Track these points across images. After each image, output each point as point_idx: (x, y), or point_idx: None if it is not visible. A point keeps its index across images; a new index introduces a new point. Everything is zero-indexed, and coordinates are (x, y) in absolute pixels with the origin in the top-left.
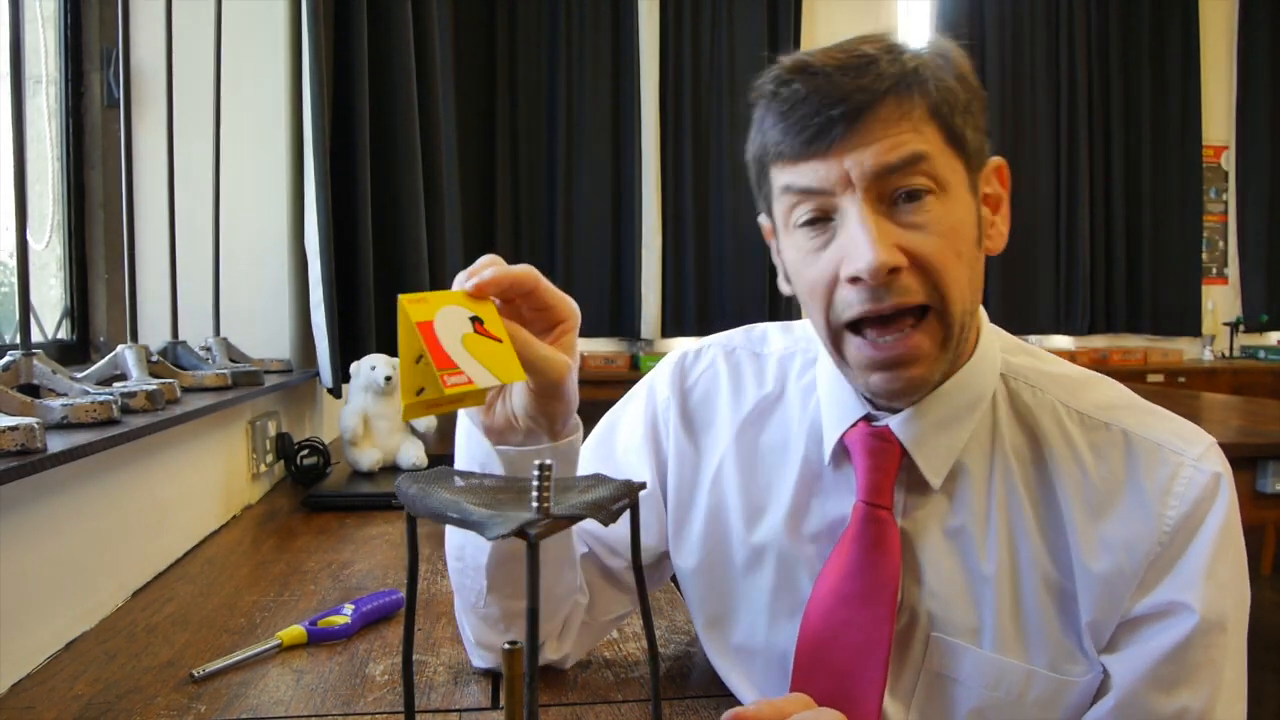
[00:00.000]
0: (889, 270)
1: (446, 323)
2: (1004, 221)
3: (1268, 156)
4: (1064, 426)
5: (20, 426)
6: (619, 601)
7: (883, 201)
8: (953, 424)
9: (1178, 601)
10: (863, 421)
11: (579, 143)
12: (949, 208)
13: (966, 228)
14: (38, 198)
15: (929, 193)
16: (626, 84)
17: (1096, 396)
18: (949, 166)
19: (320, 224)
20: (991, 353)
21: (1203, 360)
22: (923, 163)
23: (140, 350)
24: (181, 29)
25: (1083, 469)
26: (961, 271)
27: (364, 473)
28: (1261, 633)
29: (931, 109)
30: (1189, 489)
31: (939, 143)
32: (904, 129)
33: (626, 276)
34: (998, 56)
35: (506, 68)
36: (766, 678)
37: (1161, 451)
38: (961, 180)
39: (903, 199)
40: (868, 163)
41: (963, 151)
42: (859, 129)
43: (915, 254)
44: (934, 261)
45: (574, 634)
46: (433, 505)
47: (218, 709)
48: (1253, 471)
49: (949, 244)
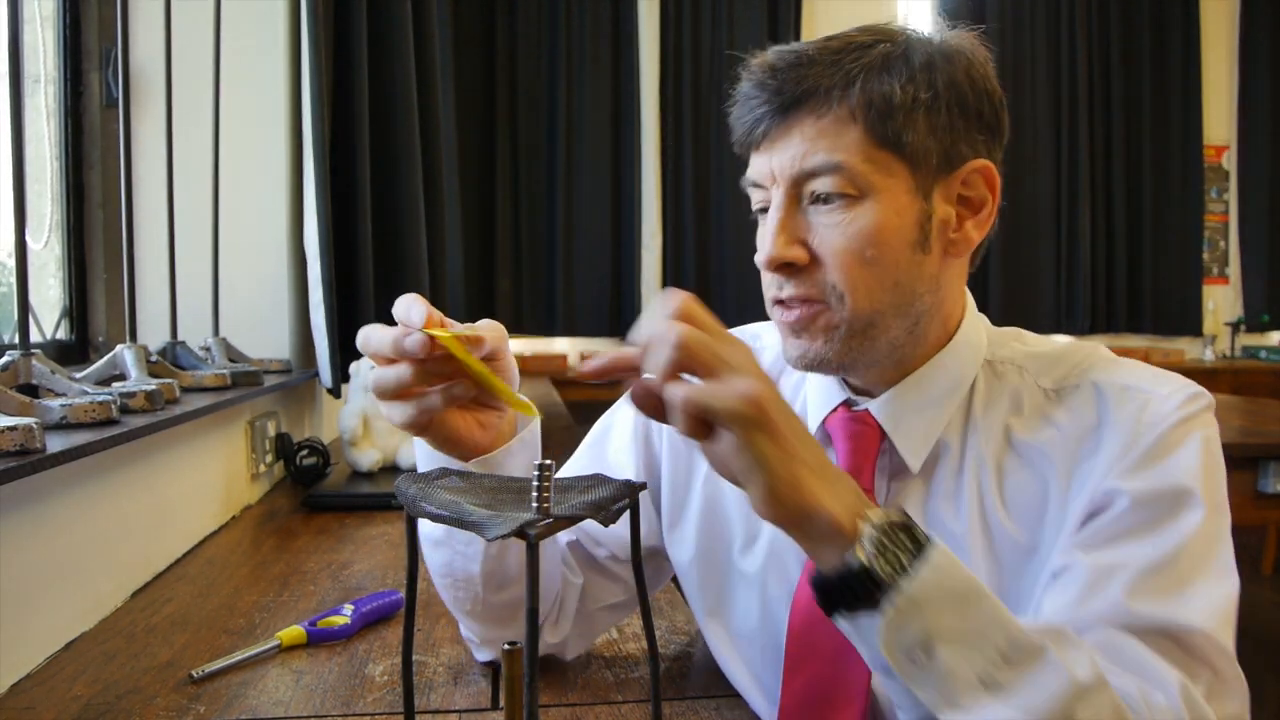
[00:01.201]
0: (781, 264)
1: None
2: (979, 226)
3: (1269, 156)
4: (1041, 401)
5: (19, 427)
6: (609, 590)
7: (800, 199)
8: (930, 407)
9: (1123, 488)
10: (843, 406)
11: (579, 143)
12: (863, 213)
13: (887, 232)
14: (36, 197)
15: (842, 197)
16: (626, 84)
17: (1071, 364)
18: (877, 172)
19: (320, 224)
20: (974, 339)
21: (1204, 360)
22: (835, 172)
23: (139, 350)
24: (181, 29)
25: (1059, 429)
26: (866, 274)
27: (364, 473)
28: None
29: (855, 113)
30: (1159, 420)
31: (863, 148)
32: (823, 133)
33: (626, 276)
34: (998, 56)
35: (506, 68)
36: (763, 664)
37: (1129, 391)
38: (898, 184)
39: (818, 199)
40: (783, 166)
41: (902, 154)
42: (780, 129)
43: (816, 254)
44: (833, 262)
45: (570, 617)
46: (432, 505)
47: (217, 709)
48: (1253, 471)
49: (853, 247)
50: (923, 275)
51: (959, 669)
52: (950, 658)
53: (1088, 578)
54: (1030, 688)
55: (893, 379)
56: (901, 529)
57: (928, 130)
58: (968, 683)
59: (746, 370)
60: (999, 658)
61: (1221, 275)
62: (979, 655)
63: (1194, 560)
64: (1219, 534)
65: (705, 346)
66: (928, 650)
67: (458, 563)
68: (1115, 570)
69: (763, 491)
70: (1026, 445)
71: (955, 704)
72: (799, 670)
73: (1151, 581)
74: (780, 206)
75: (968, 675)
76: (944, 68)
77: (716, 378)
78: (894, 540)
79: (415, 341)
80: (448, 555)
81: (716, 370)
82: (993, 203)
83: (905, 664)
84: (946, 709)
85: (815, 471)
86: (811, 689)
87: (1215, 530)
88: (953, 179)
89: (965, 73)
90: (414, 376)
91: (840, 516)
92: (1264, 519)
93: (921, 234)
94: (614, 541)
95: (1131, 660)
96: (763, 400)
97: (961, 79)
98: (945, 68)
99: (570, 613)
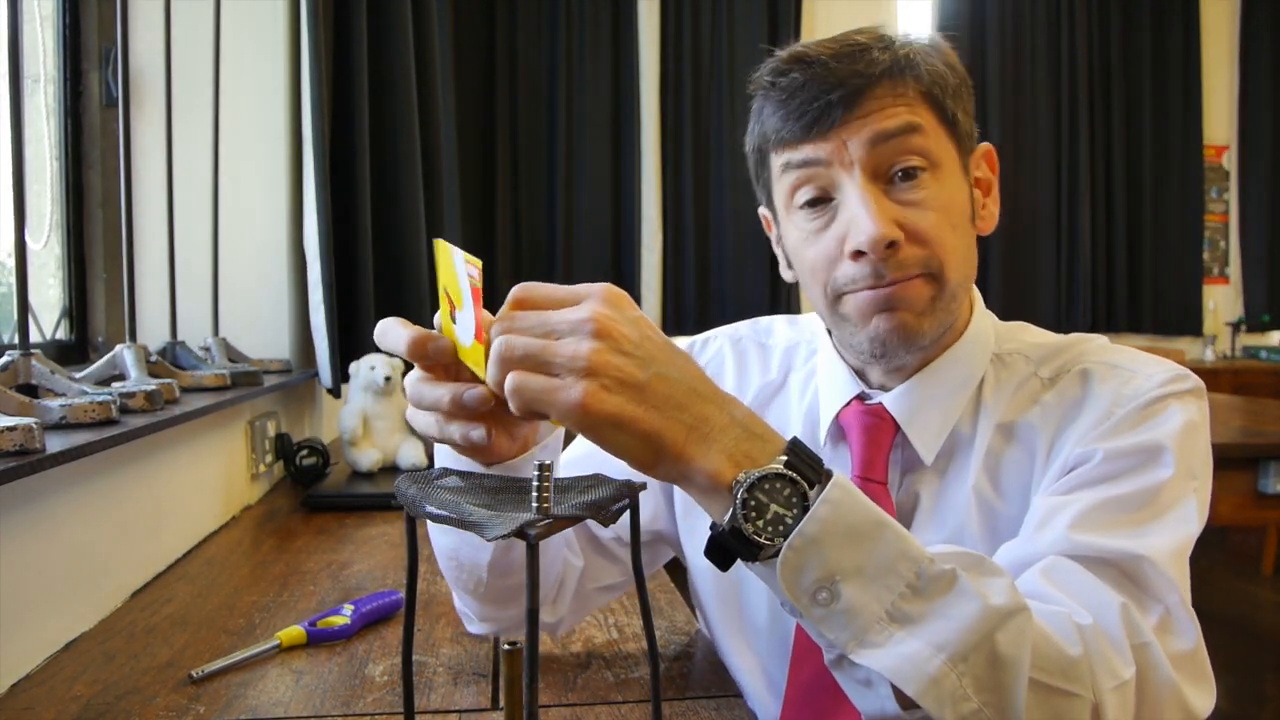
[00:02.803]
0: (888, 244)
1: None
2: (994, 204)
3: (1269, 156)
4: (1037, 389)
5: (19, 427)
6: (608, 571)
7: (880, 180)
8: (944, 400)
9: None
10: (856, 400)
11: (579, 143)
12: (943, 184)
13: (960, 204)
14: (36, 197)
15: (923, 170)
16: (626, 84)
17: (1072, 354)
18: (942, 146)
19: (320, 224)
20: (984, 333)
21: (1204, 360)
22: (916, 135)
23: (139, 350)
24: (181, 29)
25: (1043, 406)
26: (957, 244)
27: (363, 473)
28: (1261, 633)
29: (924, 91)
30: (1140, 393)
31: (933, 122)
32: (899, 105)
33: (626, 276)
34: (998, 56)
35: (506, 68)
36: (770, 655)
37: (1115, 370)
38: (954, 160)
39: (899, 177)
40: (865, 133)
41: (955, 133)
42: (856, 110)
43: (912, 228)
44: (930, 234)
45: (569, 598)
46: (433, 505)
47: (217, 710)
48: (1253, 471)
49: (945, 218)
50: (975, 250)
51: (866, 605)
52: (855, 594)
53: (1040, 516)
54: (941, 618)
55: (911, 370)
56: (780, 479)
57: (964, 112)
58: (875, 617)
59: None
60: (907, 590)
61: (1222, 275)
62: (885, 589)
63: (1153, 509)
64: (1185, 495)
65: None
66: (831, 589)
67: (465, 551)
68: (1067, 506)
69: (628, 457)
70: (1016, 425)
71: (865, 641)
72: (805, 663)
73: (1098, 516)
74: (868, 186)
75: (875, 610)
76: (953, 59)
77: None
78: (772, 493)
79: (475, 397)
80: (455, 542)
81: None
82: (996, 184)
83: (810, 605)
84: (857, 648)
85: (686, 423)
86: (817, 681)
87: (1182, 491)
88: (974, 159)
89: (958, 64)
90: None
91: (715, 473)
92: (1264, 519)
93: (973, 209)
94: (620, 525)
95: (1071, 584)
96: (598, 363)
97: (962, 70)
98: (953, 59)
99: (569, 593)
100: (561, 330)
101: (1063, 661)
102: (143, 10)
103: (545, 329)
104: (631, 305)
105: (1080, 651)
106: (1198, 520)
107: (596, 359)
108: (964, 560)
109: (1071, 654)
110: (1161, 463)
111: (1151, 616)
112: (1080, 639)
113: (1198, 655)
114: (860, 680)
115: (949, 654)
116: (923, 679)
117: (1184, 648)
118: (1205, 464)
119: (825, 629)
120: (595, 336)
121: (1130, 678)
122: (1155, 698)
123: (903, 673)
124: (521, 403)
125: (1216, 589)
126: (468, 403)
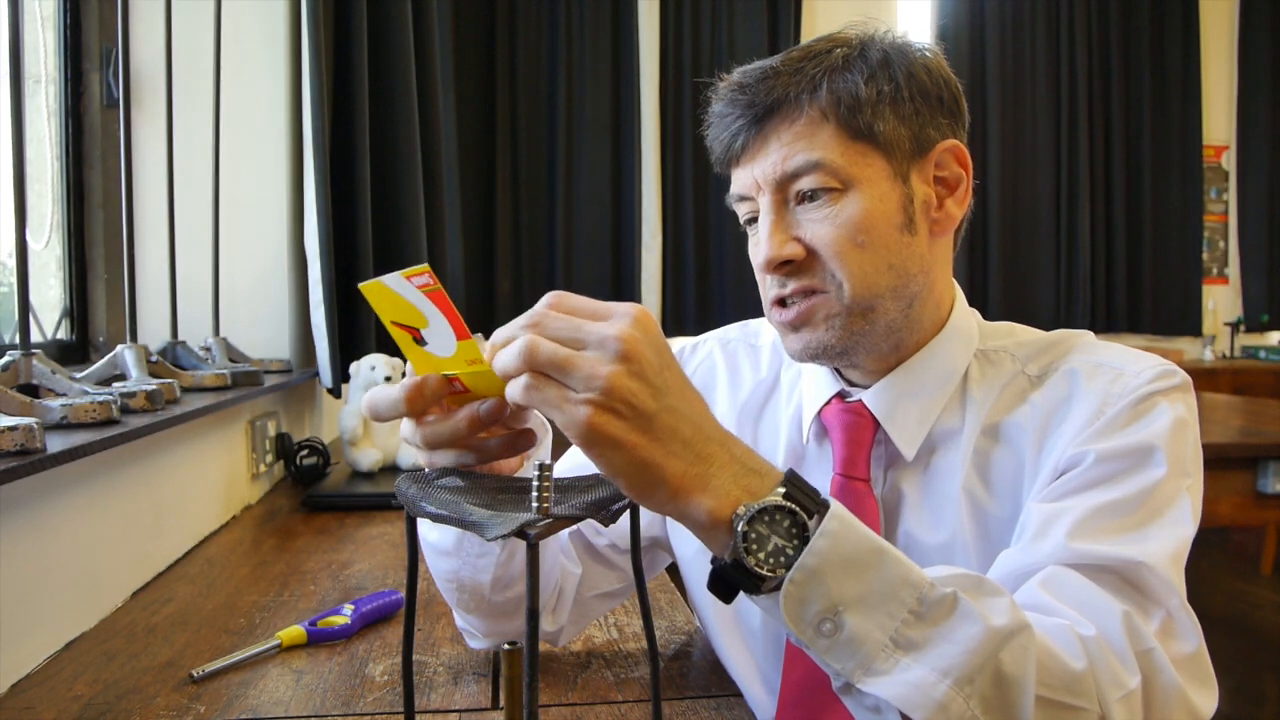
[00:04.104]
0: (780, 263)
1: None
2: (958, 204)
3: (1268, 156)
4: (1025, 386)
5: (19, 427)
6: (606, 578)
7: (787, 201)
8: (922, 396)
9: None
10: (837, 398)
11: (579, 143)
12: (849, 203)
13: (874, 218)
14: (37, 197)
15: (827, 191)
16: (626, 84)
17: (1058, 351)
18: (856, 163)
19: (320, 224)
20: (964, 329)
21: (1203, 360)
22: (816, 169)
23: (140, 350)
24: (181, 29)
25: (1032, 405)
26: (861, 259)
27: (364, 473)
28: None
29: (825, 112)
30: (1128, 391)
31: (839, 143)
32: (799, 136)
33: (626, 276)
34: (998, 56)
35: (506, 68)
36: (765, 655)
37: (1102, 368)
38: (877, 173)
39: (804, 198)
40: (765, 173)
41: (876, 144)
42: (757, 140)
43: (811, 246)
44: (827, 252)
45: (568, 606)
46: (432, 505)
47: (217, 709)
48: (1253, 471)
49: (848, 234)
50: (913, 256)
51: (870, 633)
52: (859, 623)
53: (1036, 525)
54: (945, 642)
55: (886, 368)
56: (779, 511)
57: (896, 119)
58: (880, 645)
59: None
60: (910, 616)
61: (1221, 275)
62: (888, 616)
63: (1148, 512)
64: (1179, 496)
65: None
66: (835, 620)
67: (466, 573)
68: (1063, 514)
69: (623, 482)
70: (1004, 424)
71: (871, 669)
72: (798, 662)
73: (1095, 522)
74: (770, 210)
75: (879, 638)
76: (900, 61)
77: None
78: (773, 525)
79: (490, 410)
80: (455, 565)
81: (563, 363)
82: (968, 179)
83: (815, 637)
84: (864, 676)
85: (687, 460)
86: (809, 680)
87: (1175, 491)
88: (926, 161)
89: (921, 64)
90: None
91: (715, 509)
92: (1264, 519)
93: (906, 216)
94: (614, 531)
95: (1072, 594)
96: (615, 386)
97: (919, 70)
98: (901, 61)
99: (569, 601)
100: (589, 340)
101: (1067, 676)
102: (143, 11)
103: (575, 335)
104: (659, 333)
105: (1085, 665)
106: (1193, 520)
107: (615, 381)
108: (964, 582)
109: (1076, 668)
110: (1154, 463)
111: (1154, 621)
112: (1084, 652)
113: (1200, 656)
114: (869, 707)
115: (955, 678)
116: (930, 705)
117: (1187, 650)
118: (1196, 461)
119: (831, 659)
120: (619, 357)
121: (1136, 686)
122: (1162, 703)
123: (910, 700)
124: (529, 403)
125: (1216, 589)
126: (484, 418)
